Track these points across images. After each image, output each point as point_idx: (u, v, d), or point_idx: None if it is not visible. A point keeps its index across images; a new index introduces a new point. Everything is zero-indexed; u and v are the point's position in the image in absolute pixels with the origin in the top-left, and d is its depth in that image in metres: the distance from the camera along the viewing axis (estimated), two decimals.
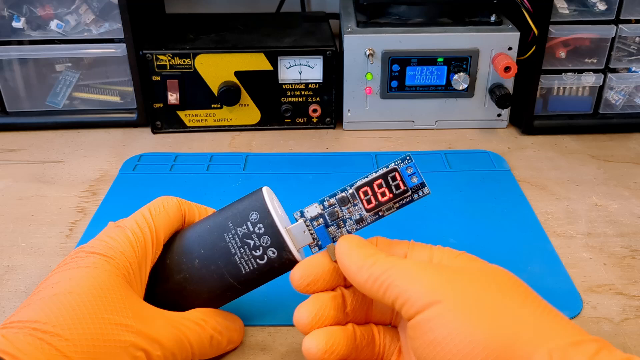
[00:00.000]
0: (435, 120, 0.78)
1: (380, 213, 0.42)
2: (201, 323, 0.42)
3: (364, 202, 0.42)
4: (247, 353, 0.46)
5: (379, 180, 0.41)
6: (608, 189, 0.66)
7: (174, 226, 0.44)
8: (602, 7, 0.71)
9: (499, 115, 0.78)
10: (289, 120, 0.78)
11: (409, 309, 0.35)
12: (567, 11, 0.72)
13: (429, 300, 0.34)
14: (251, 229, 0.41)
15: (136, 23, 0.74)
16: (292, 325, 0.47)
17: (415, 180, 0.41)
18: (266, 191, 0.43)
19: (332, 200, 0.42)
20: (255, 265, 0.42)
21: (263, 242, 0.41)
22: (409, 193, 0.41)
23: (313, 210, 0.42)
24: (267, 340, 0.47)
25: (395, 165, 0.41)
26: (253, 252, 0.41)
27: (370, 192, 0.41)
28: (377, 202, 0.41)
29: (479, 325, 0.33)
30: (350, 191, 0.42)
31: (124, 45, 0.74)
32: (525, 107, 0.75)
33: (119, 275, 0.39)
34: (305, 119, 0.78)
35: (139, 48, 0.73)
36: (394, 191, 0.41)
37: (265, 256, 0.41)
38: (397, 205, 0.42)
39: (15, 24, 0.73)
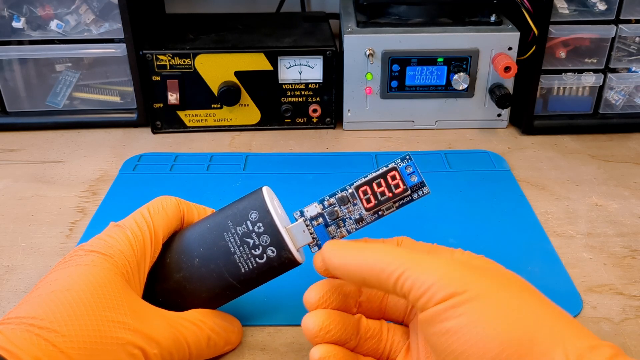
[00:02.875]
0: (435, 120, 0.78)
1: (380, 212, 0.42)
2: (199, 323, 0.42)
3: (364, 201, 0.41)
4: (247, 353, 0.46)
5: (379, 180, 0.41)
6: (608, 189, 0.66)
7: (173, 225, 0.45)
8: (602, 7, 0.71)
9: (499, 115, 0.78)
10: (289, 120, 0.78)
11: (427, 301, 0.34)
12: (567, 11, 0.72)
13: (450, 292, 0.34)
14: (251, 228, 0.41)
15: (136, 23, 0.74)
16: (292, 325, 0.48)
17: (414, 180, 0.41)
18: (266, 191, 0.43)
19: (332, 200, 0.42)
20: (255, 265, 0.42)
21: (262, 241, 0.41)
22: (409, 192, 0.41)
23: (313, 209, 0.42)
24: (267, 340, 0.47)
25: (395, 164, 0.41)
26: (252, 251, 0.41)
27: (369, 192, 0.41)
28: (376, 202, 0.41)
29: (499, 318, 0.32)
30: (350, 190, 0.42)
31: (124, 45, 0.74)
32: (525, 107, 0.75)
33: (117, 273, 0.39)
34: (305, 119, 0.78)
35: (139, 48, 0.73)
36: (394, 190, 0.41)
37: (265, 255, 0.41)
38: (397, 204, 0.42)
39: (15, 24, 0.73)
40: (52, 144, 0.76)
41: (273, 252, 0.41)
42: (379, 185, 0.41)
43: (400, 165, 0.41)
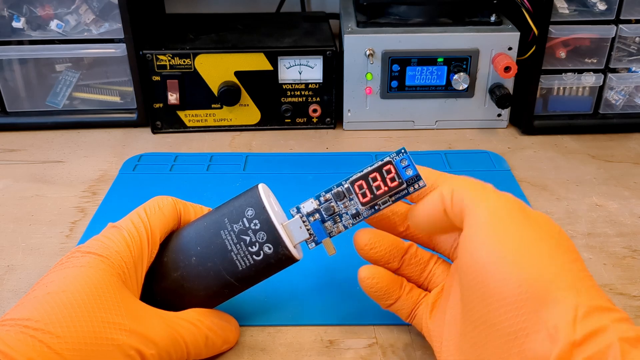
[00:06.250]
0: (435, 120, 0.78)
1: (376, 207, 0.42)
2: (196, 323, 0.42)
3: (360, 196, 0.41)
4: (247, 353, 0.45)
5: (374, 174, 0.41)
6: (608, 189, 0.65)
7: (170, 225, 0.44)
8: (602, 7, 0.71)
9: (499, 115, 0.78)
10: (289, 120, 0.78)
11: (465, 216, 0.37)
12: (567, 11, 0.72)
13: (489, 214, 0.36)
14: (247, 225, 0.41)
15: (136, 23, 0.74)
16: (292, 325, 0.48)
17: (410, 173, 0.41)
18: (262, 188, 0.43)
19: (328, 195, 0.42)
20: (252, 262, 0.42)
21: (259, 238, 0.41)
22: (404, 186, 0.41)
23: (309, 205, 0.42)
24: (267, 340, 0.47)
25: (390, 158, 0.41)
26: (249, 248, 0.41)
27: (365, 186, 0.41)
28: (372, 196, 0.41)
29: (523, 260, 0.33)
30: (346, 185, 0.42)
31: (124, 45, 0.74)
32: (525, 107, 0.75)
33: (113, 274, 0.39)
34: (305, 119, 0.78)
35: (139, 48, 0.73)
36: (389, 184, 0.41)
37: (262, 252, 0.41)
38: (393, 198, 0.42)
39: (15, 24, 0.73)
40: (52, 144, 0.76)
41: (270, 248, 0.41)
42: (375, 179, 0.41)
43: (395, 159, 0.41)
